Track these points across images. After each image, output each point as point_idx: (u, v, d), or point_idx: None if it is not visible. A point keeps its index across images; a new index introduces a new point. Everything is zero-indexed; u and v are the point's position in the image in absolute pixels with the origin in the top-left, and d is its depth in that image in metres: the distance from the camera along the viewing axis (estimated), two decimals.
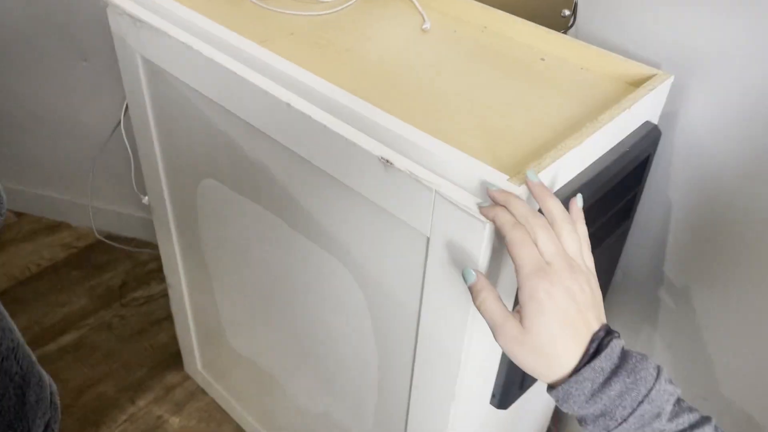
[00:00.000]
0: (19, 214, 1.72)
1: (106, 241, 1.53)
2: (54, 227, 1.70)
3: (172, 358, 1.41)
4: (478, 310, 0.51)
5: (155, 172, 1.01)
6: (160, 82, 0.86)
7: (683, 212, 0.80)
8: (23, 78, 1.46)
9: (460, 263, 0.58)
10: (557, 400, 0.49)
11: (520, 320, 0.48)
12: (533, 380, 0.80)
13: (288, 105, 0.66)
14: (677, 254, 0.83)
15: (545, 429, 1.17)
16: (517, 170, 0.56)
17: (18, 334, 0.50)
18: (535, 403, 1.00)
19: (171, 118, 0.90)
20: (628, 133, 0.68)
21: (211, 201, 0.93)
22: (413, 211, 0.59)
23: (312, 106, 0.65)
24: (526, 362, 0.49)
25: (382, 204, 0.63)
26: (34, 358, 0.52)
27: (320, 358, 0.93)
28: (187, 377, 1.39)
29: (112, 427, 1.29)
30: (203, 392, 1.36)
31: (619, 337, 0.48)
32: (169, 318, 1.36)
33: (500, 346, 0.49)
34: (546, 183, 0.58)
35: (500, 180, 0.54)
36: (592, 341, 0.48)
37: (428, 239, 0.60)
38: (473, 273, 0.52)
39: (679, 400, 0.47)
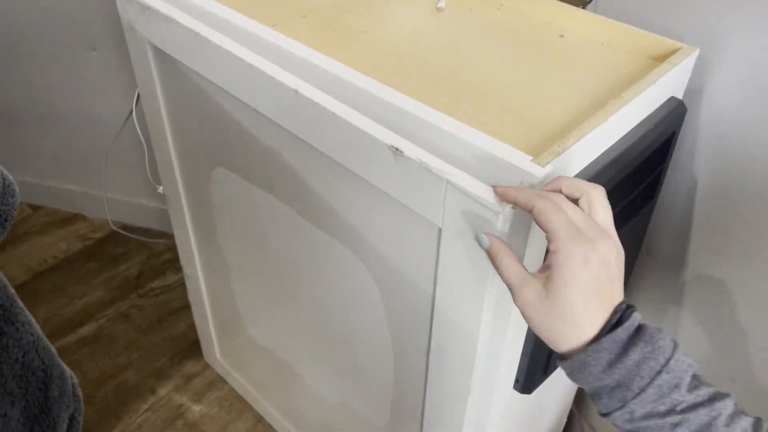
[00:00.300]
0: (34, 207, 1.72)
1: (122, 231, 1.53)
2: (69, 219, 1.71)
3: (191, 347, 1.41)
4: (497, 272, 0.49)
5: (169, 162, 1.00)
6: (171, 70, 0.85)
7: (709, 190, 0.78)
8: (33, 71, 1.45)
9: (473, 254, 0.56)
10: (570, 371, 0.47)
11: (544, 282, 0.46)
12: (557, 364, 0.79)
13: (296, 92, 0.64)
14: (703, 234, 0.81)
15: (567, 412, 1.16)
16: (540, 150, 0.54)
17: (37, 327, 0.50)
18: (558, 387, 0.99)
19: (182, 106, 0.89)
20: (653, 109, 0.66)
21: (224, 190, 0.92)
22: (424, 201, 0.58)
23: (320, 92, 0.64)
24: (542, 327, 0.47)
25: (392, 194, 0.61)
26: (54, 351, 0.51)
27: (336, 347, 0.92)
28: (207, 366, 1.39)
29: (133, 417, 1.29)
30: (223, 380, 1.37)
31: (637, 310, 0.47)
32: (186, 307, 1.36)
33: (518, 308, 0.48)
34: (570, 163, 0.56)
35: (523, 161, 0.53)
36: (614, 312, 0.46)
37: (440, 230, 0.59)
38: (485, 237, 0.51)
39: (696, 374, 0.45)
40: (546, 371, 0.76)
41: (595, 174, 0.59)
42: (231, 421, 1.30)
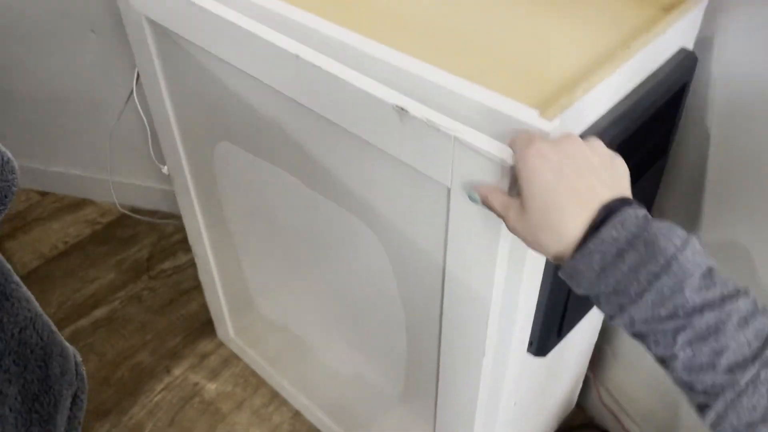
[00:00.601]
0: (42, 194, 1.73)
1: (130, 214, 1.53)
2: (77, 204, 1.71)
3: (204, 326, 1.42)
4: (491, 210, 0.50)
5: (172, 140, 0.99)
6: (168, 44, 0.83)
7: (722, 144, 0.76)
8: (33, 56, 1.44)
9: (483, 213, 0.55)
10: (567, 280, 0.45)
11: (521, 198, 0.46)
12: (571, 326, 0.78)
13: (297, 57, 0.63)
14: (716, 190, 0.80)
15: (583, 376, 1.15)
16: (547, 106, 0.53)
17: (35, 304, 0.49)
18: (573, 351, 0.98)
19: (182, 80, 0.88)
20: (663, 61, 0.64)
21: (229, 165, 0.91)
22: (432, 162, 0.57)
23: (322, 56, 0.62)
24: (530, 241, 0.46)
25: (399, 156, 0.60)
26: (54, 328, 0.51)
27: (348, 319, 0.92)
28: (221, 344, 1.40)
29: (150, 397, 1.30)
30: (237, 358, 1.37)
31: (639, 207, 0.43)
32: (198, 287, 1.36)
33: (511, 232, 0.48)
34: (578, 116, 0.55)
35: (530, 116, 0.51)
36: (602, 209, 0.43)
37: (449, 190, 0.57)
38: (475, 193, 0.52)
39: (711, 271, 0.41)
40: (560, 333, 0.75)
41: (604, 128, 0.57)
42: (247, 397, 1.30)
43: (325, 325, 0.99)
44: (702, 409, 0.41)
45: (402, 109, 0.55)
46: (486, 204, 0.51)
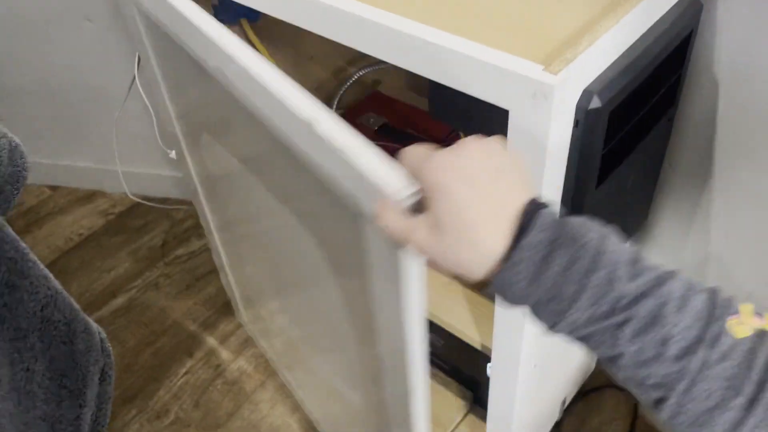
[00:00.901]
0: (53, 188, 1.74)
1: (142, 202, 1.54)
2: (89, 196, 1.72)
3: (222, 308, 1.43)
4: (386, 232, 0.44)
5: (172, 127, 0.99)
6: (156, 31, 0.83)
7: (730, 91, 0.75)
8: (30, 50, 1.44)
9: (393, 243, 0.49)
10: (499, 295, 0.41)
11: (429, 216, 0.41)
12: None
13: (231, 58, 0.59)
14: (727, 137, 0.79)
15: None
16: (550, 60, 0.52)
17: (55, 282, 0.50)
18: None
19: (172, 69, 0.87)
20: (667, 8, 0.63)
21: (211, 157, 0.91)
22: (342, 183, 0.51)
23: (256, 58, 0.57)
24: (450, 262, 0.41)
25: (317, 172, 0.54)
26: (76, 306, 0.52)
27: (313, 326, 0.91)
28: (239, 325, 1.41)
29: (173, 381, 1.32)
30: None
31: (550, 206, 0.41)
32: (213, 271, 1.37)
33: (421, 255, 0.42)
34: (583, 69, 0.54)
35: (535, 71, 0.51)
36: (524, 215, 0.40)
37: (358, 215, 0.52)
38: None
39: (636, 259, 0.39)
40: None
41: (611, 80, 0.56)
42: (269, 375, 1.32)
43: (302, 328, 0.98)
44: (657, 404, 0.39)
45: (310, 124, 0.51)
46: (381, 224, 0.44)
